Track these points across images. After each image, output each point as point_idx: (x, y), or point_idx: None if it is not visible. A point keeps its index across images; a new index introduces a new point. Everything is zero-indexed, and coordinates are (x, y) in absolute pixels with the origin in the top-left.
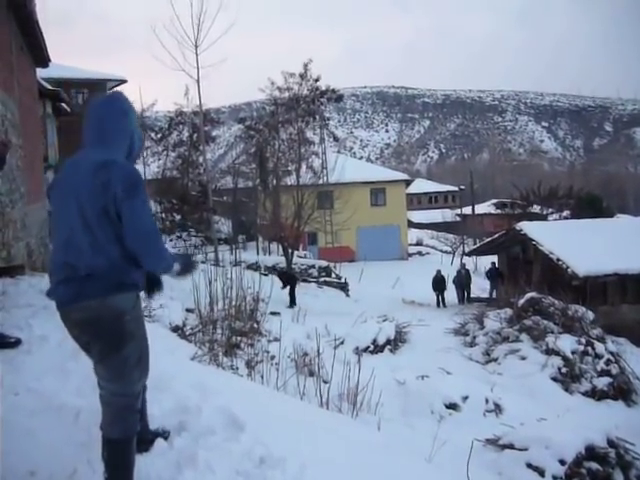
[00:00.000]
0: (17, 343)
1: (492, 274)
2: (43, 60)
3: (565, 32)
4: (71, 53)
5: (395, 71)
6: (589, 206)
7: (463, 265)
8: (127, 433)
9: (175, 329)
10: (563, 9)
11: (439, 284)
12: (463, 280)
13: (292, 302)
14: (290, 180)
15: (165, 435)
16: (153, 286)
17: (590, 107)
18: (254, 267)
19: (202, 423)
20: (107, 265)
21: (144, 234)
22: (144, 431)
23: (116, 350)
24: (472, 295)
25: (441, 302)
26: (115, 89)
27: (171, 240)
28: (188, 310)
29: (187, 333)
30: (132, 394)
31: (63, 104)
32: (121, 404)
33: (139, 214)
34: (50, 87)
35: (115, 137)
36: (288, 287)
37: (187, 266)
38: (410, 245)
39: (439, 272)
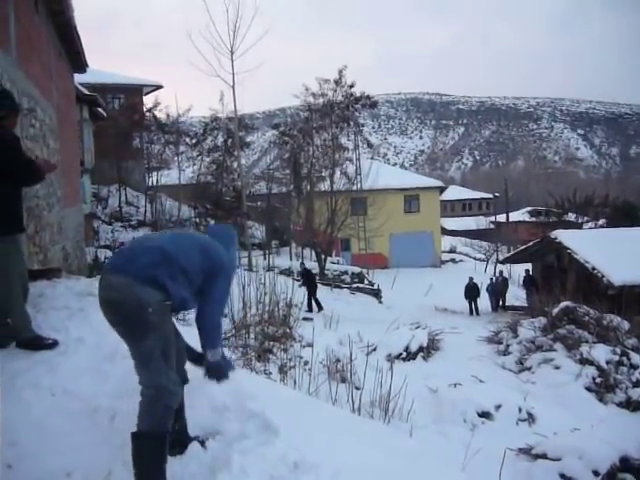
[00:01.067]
0: (54, 345)
1: (527, 282)
2: (81, 66)
3: (602, 39)
4: (108, 59)
5: (429, 78)
6: (625, 215)
7: (501, 272)
8: (155, 428)
9: None
10: (600, 15)
11: (471, 292)
12: (497, 288)
13: (317, 306)
14: (324, 186)
15: (204, 444)
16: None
17: (627, 114)
18: (287, 272)
19: (236, 427)
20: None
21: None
22: (182, 433)
23: (139, 338)
24: (507, 303)
25: (474, 310)
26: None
27: None
28: None
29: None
30: (159, 386)
31: (100, 109)
32: (150, 396)
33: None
34: (87, 92)
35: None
36: (305, 288)
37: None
38: (443, 252)
39: (471, 280)
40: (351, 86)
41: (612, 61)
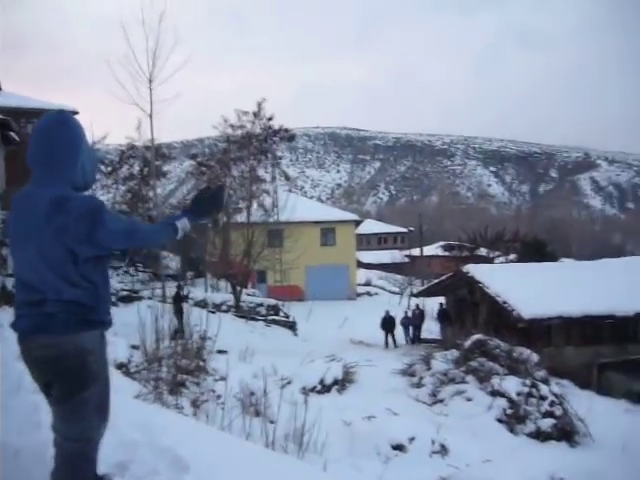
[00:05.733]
0: None
1: (442, 316)
2: None
3: (513, 80)
4: (23, 82)
5: (347, 113)
6: (534, 250)
7: (417, 305)
8: None
9: (119, 366)
10: (513, 58)
11: (388, 324)
12: (412, 321)
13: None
14: (240, 217)
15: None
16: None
17: (536, 153)
18: (202, 304)
19: (145, 463)
20: (74, 301)
21: (132, 243)
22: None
23: (77, 392)
24: (421, 336)
25: (391, 342)
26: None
27: (118, 275)
28: (133, 347)
29: (132, 371)
30: (87, 440)
31: (12, 133)
32: (72, 450)
33: (112, 239)
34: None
35: (67, 166)
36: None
37: (209, 205)
38: (359, 285)
39: (388, 312)
40: (270, 119)
41: (523, 101)
